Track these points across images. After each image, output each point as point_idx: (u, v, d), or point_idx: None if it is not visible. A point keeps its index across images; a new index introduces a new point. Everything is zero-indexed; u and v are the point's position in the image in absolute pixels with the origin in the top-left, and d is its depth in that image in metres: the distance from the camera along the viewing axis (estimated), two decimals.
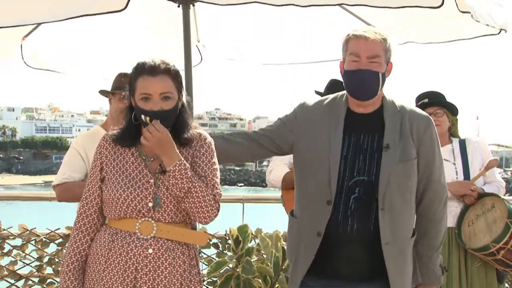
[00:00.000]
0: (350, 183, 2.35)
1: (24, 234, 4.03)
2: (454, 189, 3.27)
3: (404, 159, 2.36)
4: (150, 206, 2.17)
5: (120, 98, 3.11)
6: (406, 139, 2.38)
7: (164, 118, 2.16)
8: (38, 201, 4.34)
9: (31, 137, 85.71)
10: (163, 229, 2.17)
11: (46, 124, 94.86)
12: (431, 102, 3.39)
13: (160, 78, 2.16)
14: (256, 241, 3.85)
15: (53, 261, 4.01)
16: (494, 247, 3.09)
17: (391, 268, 2.34)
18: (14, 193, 7.61)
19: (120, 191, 2.17)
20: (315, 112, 2.47)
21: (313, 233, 2.36)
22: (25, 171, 75.91)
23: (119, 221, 2.20)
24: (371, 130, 2.39)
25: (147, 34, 4.15)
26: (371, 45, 2.32)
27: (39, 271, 4.03)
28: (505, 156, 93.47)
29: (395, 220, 2.35)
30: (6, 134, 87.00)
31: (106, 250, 2.18)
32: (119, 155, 2.25)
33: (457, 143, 3.42)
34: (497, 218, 3.15)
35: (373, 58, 2.32)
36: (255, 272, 3.50)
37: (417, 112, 2.46)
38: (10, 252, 4.03)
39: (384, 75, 2.36)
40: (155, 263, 2.16)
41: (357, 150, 2.37)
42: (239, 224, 3.61)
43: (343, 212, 2.34)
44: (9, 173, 76.36)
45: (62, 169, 3.12)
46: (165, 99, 2.16)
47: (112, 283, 2.16)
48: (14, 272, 4.02)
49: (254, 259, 3.74)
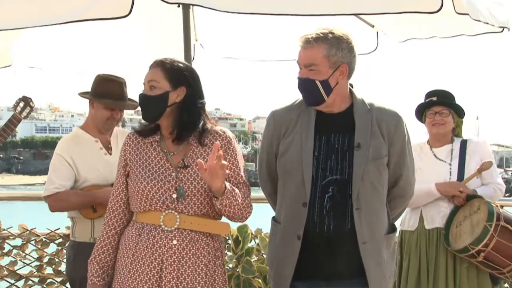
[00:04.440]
0: (324, 183, 2.36)
1: (24, 234, 4.03)
2: (443, 190, 3.27)
3: (376, 157, 2.37)
4: (174, 197, 2.25)
5: (105, 106, 3.09)
6: (377, 137, 2.39)
7: (144, 102, 2.30)
8: (38, 201, 4.33)
9: (31, 137, 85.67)
10: (186, 221, 2.25)
11: (46, 124, 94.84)
12: (438, 101, 3.39)
13: (152, 70, 2.32)
14: (256, 241, 3.85)
15: (53, 261, 4.01)
16: (473, 250, 3.08)
17: (370, 266, 2.36)
18: (14, 193, 7.63)
19: (144, 183, 2.26)
20: (287, 116, 2.47)
21: (293, 237, 2.38)
22: (25, 171, 75.86)
23: (144, 215, 2.29)
24: (341, 130, 2.40)
25: (146, 34, 4.15)
26: (308, 53, 2.33)
27: (39, 271, 4.04)
28: (505, 156, 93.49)
29: (371, 218, 2.37)
30: None
31: (133, 243, 2.27)
32: (141, 151, 2.35)
33: (458, 144, 3.41)
34: (480, 220, 3.14)
35: (309, 66, 2.33)
36: (255, 272, 3.51)
37: (386, 110, 2.46)
38: (10, 252, 4.03)
39: (325, 82, 2.33)
40: (180, 254, 2.23)
41: (329, 150, 2.38)
42: (239, 224, 3.61)
43: (318, 212, 2.35)
44: (9, 173, 76.32)
45: (51, 178, 3.03)
46: (152, 88, 2.29)
47: (139, 274, 2.24)
48: (14, 272, 4.02)
49: (254, 259, 3.75)
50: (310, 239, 2.36)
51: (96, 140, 3.14)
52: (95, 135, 3.14)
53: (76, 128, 3.27)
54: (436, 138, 3.43)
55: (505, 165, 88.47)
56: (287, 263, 2.41)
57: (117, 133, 3.24)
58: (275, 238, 2.51)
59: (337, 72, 2.35)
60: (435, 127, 3.38)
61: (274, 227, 2.55)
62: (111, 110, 3.11)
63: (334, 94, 2.37)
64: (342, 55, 2.34)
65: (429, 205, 3.32)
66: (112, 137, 3.20)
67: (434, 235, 3.30)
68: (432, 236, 3.31)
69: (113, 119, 3.13)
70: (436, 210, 3.32)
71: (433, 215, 3.32)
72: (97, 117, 3.12)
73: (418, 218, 3.35)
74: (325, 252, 2.37)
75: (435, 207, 3.32)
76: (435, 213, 3.32)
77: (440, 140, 3.42)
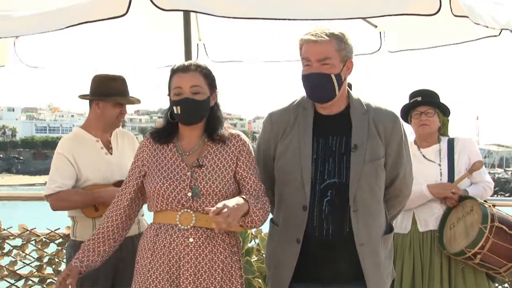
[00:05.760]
0: (322, 186, 2.36)
1: (24, 234, 4.03)
2: (435, 191, 3.25)
3: (373, 158, 2.37)
4: (189, 196, 2.29)
5: (114, 104, 3.11)
6: (374, 138, 2.39)
7: (193, 106, 2.32)
8: (38, 201, 4.33)
9: (31, 137, 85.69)
10: (202, 219, 2.29)
11: (46, 124, 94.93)
12: (423, 101, 3.39)
13: (191, 74, 2.35)
14: (256, 241, 3.85)
15: (53, 261, 4.01)
16: (469, 252, 3.06)
17: (367, 268, 2.35)
18: (14, 193, 7.63)
19: (160, 184, 2.32)
20: (284, 118, 2.47)
21: (292, 240, 2.37)
22: (25, 171, 75.83)
23: (162, 214, 2.35)
24: (339, 132, 2.40)
25: (147, 33, 4.15)
26: (320, 47, 2.31)
27: (39, 271, 4.04)
28: (505, 156, 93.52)
29: (368, 220, 2.36)
30: (6, 134, 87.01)
31: (151, 243, 2.33)
32: (158, 152, 2.41)
33: (445, 143, 3.38)
34: (474, 222, 3.12)
35: (323, 60, 2.32)
36: (255, 272, 3.51)
37: (383, 110, 2.46)
38: (10, 252, 4.03)
39: (338, 76, 2.34)
40: (196, 251, 2.28)
41: (327, 153, 2.38)
42: None
43: (317, 216, 2.35)
44: (9, 173, 76.30)
45: (53, 177, 3.02)
46: (195, 93, 2.33)
47: (159, 273, 2.29)
48: (14, 272, 4.02)
49: (254, 259, 3.75)
50: (309, 243, 2.35)
51: (97, 140, 3.14)
52: (96, 135, 3.15)
53: (77, 127, 3.25)
54: (422, 138, 3.41)
55: (505, 165, 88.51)
56: (285, 266, 2.40)
57: (117, 133, 3.25)
58: (273, 240, 2.51)
59: (345, 67, 2.37)
60: (422, 127, 3.37)
61: (272, 230, 2.54)
62: (120, 107, 3.14)
63: (341, 90, 2.38)
64: (348, 51, 2.37)
65: (421, 207, 3.30)
66: (112, 137, 3.21)
67: (428, 238, 3.28)
68: (426, 238, 3.28)
69: (122, 115, 3.17)
70: (429, 212, 3.30)
71: (426, 218, 3.29)
72: (107, 116, 3.13)
73: (410, 221, 3.32)
74: (323, 256, 2.37)
75: (427, 209, 3.30)
76: (428, 216, 3.29)
77: (427, 140, 3.40)
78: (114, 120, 3.15)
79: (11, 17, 2.46)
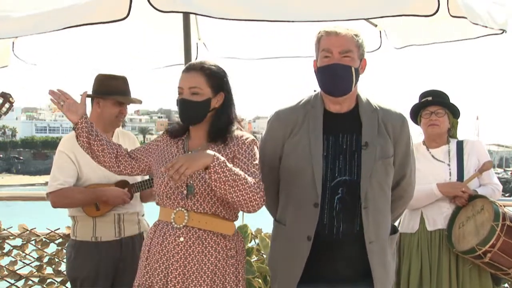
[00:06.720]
0: (332, 184, 2.35)
1: (24, 234, 4.03)
2: (445, 190, 3.25)
3: (383, 156, 2.37)
4: (184, 193, 2.30)
5: (114, 102, 3.12)
6: (383, 136, 2.40)
7: (189, 107, 2.32)
8: (38, 201, 4.33)
9: (31, 137, 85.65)
10: (194, 218, 2.29)
11: (46, 124, 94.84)
12: (434, 101, 3.39)
13: (192, 74, 2.34)
14: (256, 241, 3.86)
15: (53, 261, 4.02)
16: (480, 250, 3.04)
17: (375, 266, 2.35)
18: (14, 193, 7.62)
19: (162, 179, 2.35)
20: (293, 116, 2.46)
21: (303, 238, 2.36)
22: (25, 171, 75.80)
23: (162, 211, 2.39)
24: (349, 130, 2.40)
25: (147, 33, 4.15)
26: (343, 40, 2.33)
27: (39, 271, 4.04)
28: (505, 156, 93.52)
29: (378, 218, 2.37)
30: (6, 134, 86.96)
31: (149, 240, 2.39)
32: (167, 148, 2.46)
33: (454, 144, 3.39)
34: (484, 220, 3.11)
35: (345, 53, 2.33)
36: (255, 272, 3.51)
37: (391, 111, 2.47)
38: (10, 252, 4.04)
39: (357, 70, 2.36)
40: (186, 251, 2.28)
41: (337, 150, 2.38)
42: (239, 224, 3.61)
43: (328, 213, 2.35)
44: (9, 173, 76.26)
45: (55, 174, 3.03)
46: (194, 94, 2.32)
47: (154, 271, 2.32)
48: (14, 272, 4.02)
49: (254, 259, 3.75)
50: (318, 240, 2.34)
51: None
52: None
53: None
54: (432, 139, 3.41)
55: (505, 165, 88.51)
56: (294, 265, 2.38)
57: (119, 133, 3.25)
58: (280, 240, 2.49)
59: (361, 65, 2.39)
60: (431, 127, 3.37)
61: (278, 229, 2.51)
62: (120, 106, 3.14)
63: (355, 87, 2.39)
64: (364, 50, 2.40)
65: (430, 206, 3.29)
66: (113, 137, 3.21)
67: (437, 237, 3.26)
68: (434, 238, 3.27)
69: (121, 114, 3.17)
70: (438, 211, 3.29)
71: (435, 217, 3.29)
72: (106, 115, 3.14)
73: (418, 220, 3.31)
74: (332, 254, 2.36)
75: (436, 209, 3.29)
76: (437, 215, 3.29)
77: (436, 140, 3.40)
78: (114, 119, 3.15)
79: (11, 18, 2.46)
